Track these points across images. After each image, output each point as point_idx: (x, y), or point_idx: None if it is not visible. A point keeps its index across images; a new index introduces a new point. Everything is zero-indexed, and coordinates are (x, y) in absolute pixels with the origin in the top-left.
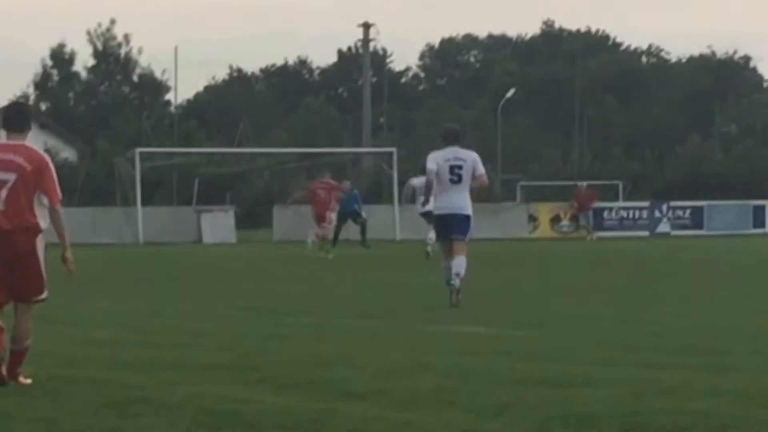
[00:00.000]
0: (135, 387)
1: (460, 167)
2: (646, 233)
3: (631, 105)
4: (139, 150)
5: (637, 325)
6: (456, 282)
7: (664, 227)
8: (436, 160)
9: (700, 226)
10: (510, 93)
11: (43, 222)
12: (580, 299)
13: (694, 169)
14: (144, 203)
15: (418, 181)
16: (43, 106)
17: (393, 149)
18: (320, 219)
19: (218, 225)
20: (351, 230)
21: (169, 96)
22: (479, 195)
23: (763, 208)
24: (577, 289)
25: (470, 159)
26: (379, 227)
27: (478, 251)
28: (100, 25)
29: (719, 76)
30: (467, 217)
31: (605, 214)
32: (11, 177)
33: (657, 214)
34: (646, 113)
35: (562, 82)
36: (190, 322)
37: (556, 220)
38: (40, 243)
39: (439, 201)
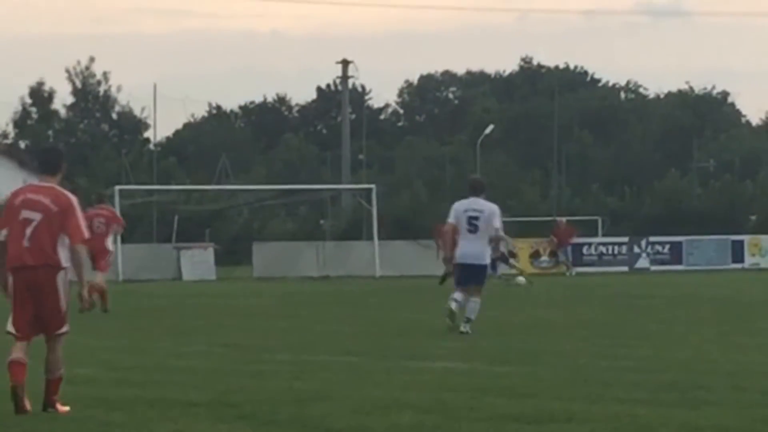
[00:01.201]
0: (115, 424)
1: (477, 218)
2: (625, 269)
3: (610, 141)
4: (118, 187)
5: (616, 361)
6: (466, 328)
7: (643, 263)
8: (456, 211)
9: (679, 262)
10: (488, 129)
11: (66, 260)
12: (559, 335)
13: (673, 205)
14: (123, 240)
15: None
16: (22, 144)
17: (372, 186)
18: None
19: (198, 262)
20: (330, 266)
21: (148, 133)
22: (495, 245)
23: (741, 243)
24: (556, 324)
25: (488, 211)
26: (359, 263)
27: None
28: (79, 63)
29: (697, 111)
30: (484, 266)
31: (584, 249)
32: (37, 216)
33: (636, 249)
34: (624, 149)
35: (541, 118)
36: (169, 360)
37: (535, 255)
38: (61, 279)
39: (459, 249)
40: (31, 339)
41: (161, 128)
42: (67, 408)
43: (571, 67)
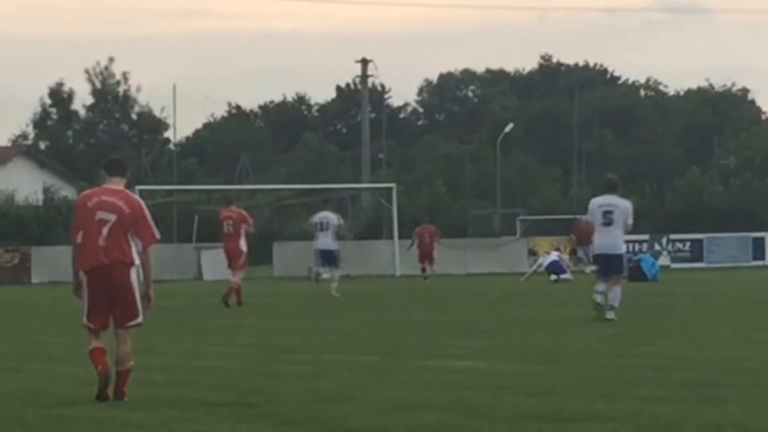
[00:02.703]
0: (135, 425)
1: (611, 212)
2: None
3: (630, 138)
4: (138, 188)
5: (637, 359)
6: (612, 315)
7: (663, 260)
8: (592, 208)
9: (699, 259)
10: (508, 128)
11: (137, 257)
12: (580, 333)
13: (694, 202)
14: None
15: None
16: (42, 145)
17: (392, 185)
18: None
19: (218, 262)
20: (350, 265)
21: (168, 134)
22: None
23: (762, 240)
24: (576, 323)
25: (623, 207)
26: (379, 263)
27: (478, 286)
28: (98, 63)
29: (717, 109)
30: (620, 256)
31: None
32: (113, 217)
33: (657, 247)
34: (644, 147)
35: (561, 116)
36: (190, 360)
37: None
38: (134, 275)
39: (596, 241)
40: (105, 329)
41: (181, 128)
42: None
43: (591, 64)
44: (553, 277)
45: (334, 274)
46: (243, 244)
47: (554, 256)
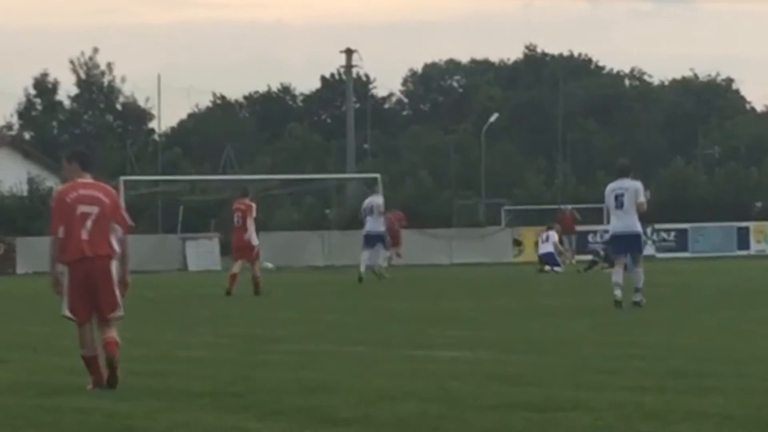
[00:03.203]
0: (120, 415)
1: (622, 195)
2: None
3: (615, 128)
4: (123, 178)
5: (622, 349)
6: (638, 297)
7: (648, 250)
8: (607, 193)
9: (684, 249)
10: (493, 118)
11: (117, 247)
12: (564, 323)
13: (678, 192)
14: (129, 231)
15: None
16: (26, 135)
17: (377, 175)
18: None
19: (203, 252)
20: (336, 256)
21: (153, 124)
22: (640, 217)
23: (747, 230)
24: (561, 312)
25: (632, 188)
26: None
27: (463, 275)
28: (83, 54)
29: (702, 98)
30: (637, 234)
31: (590, 237)
32: (95, 210)
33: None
34: (629, 136)
35: (545, 106)
36: (175, 350)
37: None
38: (114, 267)
39: (611, 224)
40: (89, 320)
41: (166, 118)
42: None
43: (576, 54)
44: (547, 267)
45: (385, 255)
46: (253, 237)
47: (550, 246)
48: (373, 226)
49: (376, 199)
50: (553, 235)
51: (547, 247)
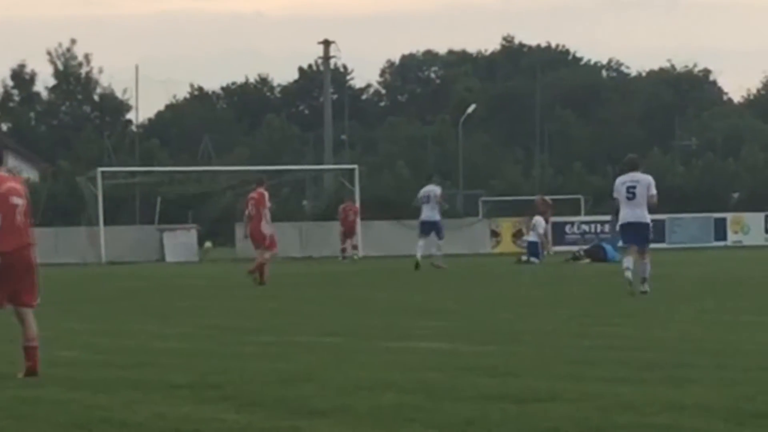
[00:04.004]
0: (98, 407)
1: (634, 187)
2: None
3: (592, 119)
4: (100, 169)
5: (600, 340)
6: (645, 287)
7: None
8: (617, 185)
9: (661, 240)
10: (471, 109)
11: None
12: (542, 314)
13: (655, 183)
14: (106, 223)
15: None
16: (4, 127)
17: (354, 166)
18: None
19: (181, 244)
20: (313, 246)
21: (131, 115)
22: (651, 209)
23: (724, 221)
24: (539, 303)
25: (644, 181)
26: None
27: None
28: (60, 45)
29: (679, 89)
30: (646, 224)
31: (567, 228)
32: (21, 201)
33: (619, 227)
34: (606, 127)
35: (523, 97)
36: (153, 342)
37: (518, 234)
38: (34, 255)
39: (621, 214)
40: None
41: (143, 110)
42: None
43: (553, 45)
44: (523, 257)
45: (439, 244)
46: (265, 227)
47: (534, 236)
48: (428, 214)
49: (434, 188)
50: (540, 223)
51: (532, 236)
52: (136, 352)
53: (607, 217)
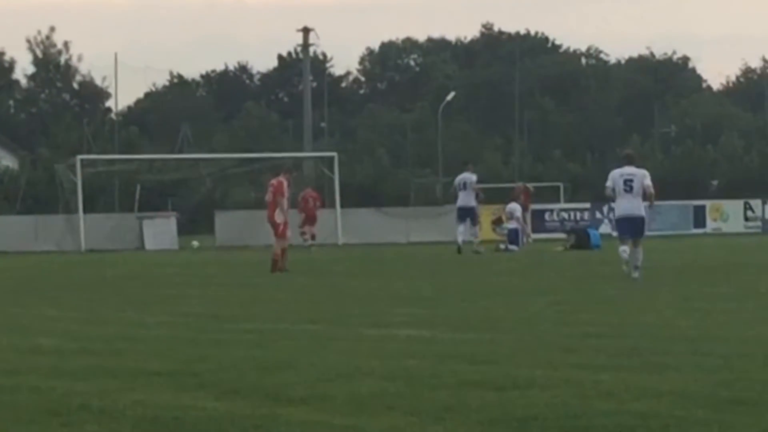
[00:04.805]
0: (77, 394)
1: (631, 180)
2: None
3: (571, 107)
4: (80, 157)
5: (578, 327)
6: (636, 274)
7: (605, 228)
8: (613, 177)
9: None
10: (450, 96)
11: None
12: (521, 301)
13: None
14: (86, 210)
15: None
16: None
17: (334, 153)
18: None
19: (160, 232)
20: (294, 235)
21: (110, 103)
22: (651, 201)
23: (703, 208)
24: (518, 291)
25: (640, 174)
26: (322, 231)
27: (420, 254)
28: (39, 32)
29: (658, 77)
30: (642, 218)
31: (546, 215)
32: None
33: (598, 215)
34: (585, 115)
35: (502, 84)
36: (132, 329)
37: (497, 222)
38: None
39: (618, 206)
40: None
41: (122, 97)
42: None
43: (532, 33)
44: (501, 246)
45: (474, 231)
46: (278, 215)
47: (515, 224)
48: (465, 200)
49: (470, 176)
50: (515, 209)
51: (512, 224)
52: (115, 339)
53: (587, 205)
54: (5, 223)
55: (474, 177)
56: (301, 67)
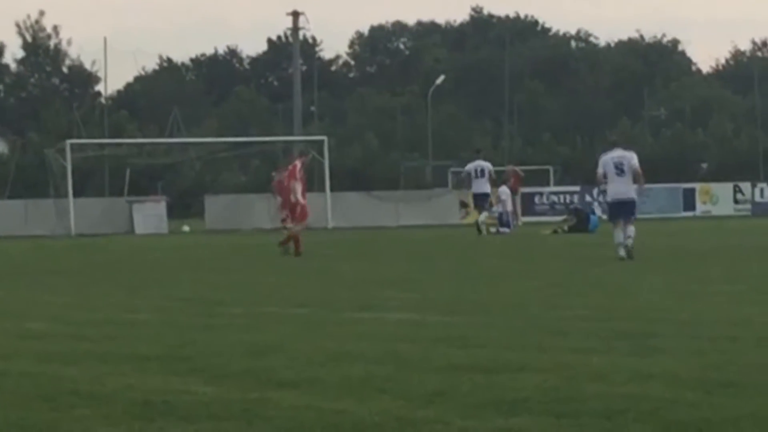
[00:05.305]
0: (67, 379)
1: (622, 164)
2: None
3: (561, 90)
4: (69, 141)
5: (568, 310)
6: (629, 242)
7: (595, 211)
8: (604, 162)
9: None
10: (440, 80)
11: None
12: (511, 285)
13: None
14: (75, 195)
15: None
16: None
17: (324, 137)
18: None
19: (150, 215)
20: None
21: (99, 87)
22: (641, 182)
23: (693, 191)
24: (508, 274)
25: (628, 157)
26: (312, 215)
27: (410, 238)
28: (29, 17)
29: (648, 60)
30: (633, 200)
31: (536, 199)
32: None
33: (588, 198)
34: (575, 98)
35: (492, 68)
36: (122, 314)
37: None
38: None
39: (610, 189)
40: None
41: (112, 82)
42: None
43: (522, 16)
44: (492, 229)
45: (484, 215)
46: (293, 197)
47: (501, 207)
48: (481, 187)
49: (487, 164)
50: (504, 192)
51: (499, 207)
52: (105, 324)
53: (577, 188)
54: None
55: (489, 165)
56: (290, 50)
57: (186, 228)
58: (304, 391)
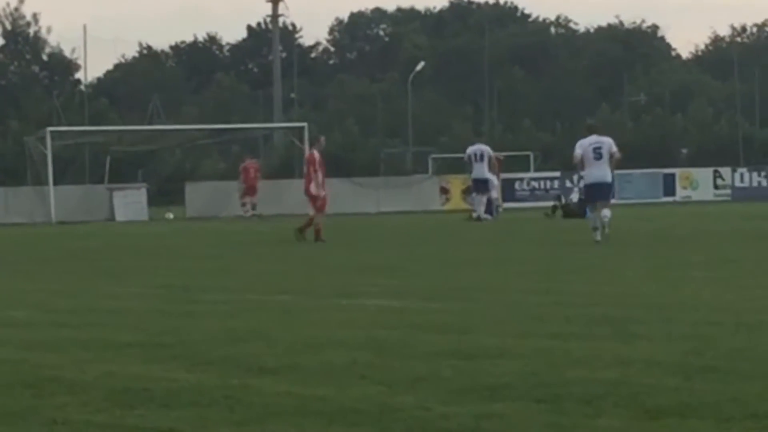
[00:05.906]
0: (48, 366)
1: (600, 148)
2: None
3: (541, 76)
4: (49, 129)
5: (549, 296)
6: (605, 220)
7: (575, 197)
8: (582, 145)
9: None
10: (419, 66)
11: None
12: (492, 271)
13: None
14: (56, 182)
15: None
16: None
17: (304, 124)
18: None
19: (130, 203)
20: (263, 205)
21: (79, 75)
22: (615, 166)
23: (673, 176)
24: (488, 261)
25: (607, 142)
26: (292, 202)
27: (390, 224)
28: (8, 4)
29: (627, 45)
30: (609, 184)
31: (516, 185)
32: None
33: (568, 184)
34: (555, 84)
35: (472, 54)
36: (103, 301)
37: (467, 191)
38: None
39: (587, 173)
40: None
41: (92, 69)
42: None
43: (501, 2)
44: (474, 214)
45: (482, 200)
46: (312, 187)
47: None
48: (481, 171)
49: (486, 147)
50: (492, 182)
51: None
52: (87, 311)
53: (557, 173)
54: None
55: (489, 149)
56: (270, 37)
57: (170, 215)
58: (285, 377)
